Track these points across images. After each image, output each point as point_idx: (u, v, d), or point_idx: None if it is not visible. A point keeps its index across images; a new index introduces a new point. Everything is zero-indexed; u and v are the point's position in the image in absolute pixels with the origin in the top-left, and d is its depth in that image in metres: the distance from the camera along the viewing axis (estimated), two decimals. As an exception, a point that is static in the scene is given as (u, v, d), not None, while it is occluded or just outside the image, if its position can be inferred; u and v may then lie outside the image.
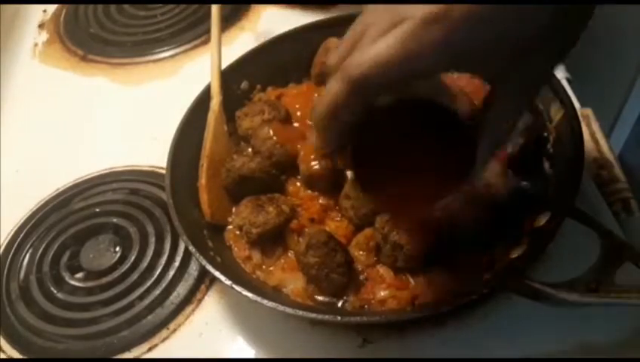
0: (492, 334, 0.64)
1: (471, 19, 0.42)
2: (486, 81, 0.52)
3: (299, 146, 0.73)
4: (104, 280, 0.74)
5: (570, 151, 0.66)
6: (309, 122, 0.78)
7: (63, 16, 1.14)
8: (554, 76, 0.73)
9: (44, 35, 1.11)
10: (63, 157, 0.91)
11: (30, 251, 0.78)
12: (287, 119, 0.79)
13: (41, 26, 1.13)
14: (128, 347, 0.69)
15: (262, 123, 0.78)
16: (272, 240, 0.69)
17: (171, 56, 1.01)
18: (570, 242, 0.65)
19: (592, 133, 0.81)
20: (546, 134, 0.71)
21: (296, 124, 0.79)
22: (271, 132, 0.75)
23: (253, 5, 1.07)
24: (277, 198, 0.71)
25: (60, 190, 0.85)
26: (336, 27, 0.84)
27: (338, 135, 0.50)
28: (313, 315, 0.61)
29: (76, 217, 0.80)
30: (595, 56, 1.27)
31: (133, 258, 0.75)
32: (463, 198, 0.63)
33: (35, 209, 0.83)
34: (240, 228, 0.70)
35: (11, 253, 0.79)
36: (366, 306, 0.63)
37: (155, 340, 0.69)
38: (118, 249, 0.76)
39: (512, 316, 0.65)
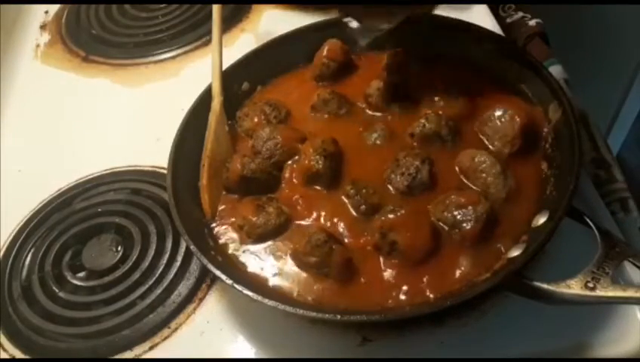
0: (490, 333, 0.65)
1: None
2: None
3: (299, 146, 0.74)
4: (106, 279, 0.74)
5: (569, 151, 0.66)
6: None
7: (64, 17, 1.14)
8: (552, 77, 0.74)
9: (45, 36, 1.11)
10: (64, 157, 0.91)
11: (32, 251, 0.79)
12: (287, 119, 0.80)
13: (42, 27, 1.14)
14: (130, 346, 0.69)
15: (262, 123, 0.79)
16: (271, 238, 0.69)
17: (172, 57, 1.02)
18: (568, 241, 0.65)
19: (590, 133, 0.82)
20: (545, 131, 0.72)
21: (296, 125, 0.79)
22: (271, 132, 0.75)
23: (253, 6, 1.07)
24: (277, 198, 0.72)
25: (62, 190, 0.86)
26: (337, 28, 0.85)
27: None
28: (313, 314, 0.62)
29: (78, 217, 0.81)
30: (593, 57, 1.28)
31: (134, 257, 0.75)
32: None
33: (37, 209, 0.84)
34: (240, 228, 0.70)
35: (13, 253, 0.79)
36: (366, 304, 0.64)
37: (156, 339, 0.69)
38: (119, 248, 0.77)
39: (510, 315, 0.65)
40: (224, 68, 0.82)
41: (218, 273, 0.63)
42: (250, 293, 0.61)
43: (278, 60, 0.85)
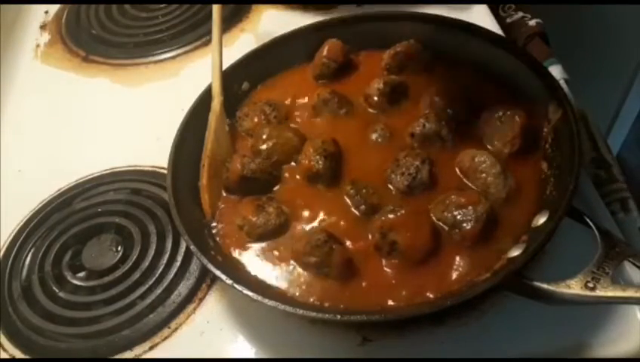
0: (490, 332, 0.65)
1: None
2: None
3: (299, 146, 0.74)
4: (106, 279, 0.74)
5: (569, 151, 0.66)
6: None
7: (64, 17, 1.14)
8: (552, 77, 0.74)
9: (45, 36, 1.11)
10: (64, 157, 0.91)
11: (32, 251, 0.79)
12: (287, 119, 0.80)
13: (42, 26, 1.14)
14: (130, 346, 0.69)
15: (262, 123, 0.79)
16: (271, 238, 0.69)
17: (172, 57, 1.02)
18: (568, 241, 0.65)
19: (590, 133, 0.82)
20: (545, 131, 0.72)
21: (296, 124, 0.79)
22: (271, 132, 0.75)
23: (253, 6, 1.07)
24: (277, 198, 0.72)
25: (62, 190, 0.86)
26: (337, 28, 0.85)
27: None
28: (313, 314, 0.62)
29: (78, 217, 0.81)
30: (593, 57, 1.28)
31: (134, 257, 0.75)
32: None
33: (37, 209, 0.84)
34: (240, 228, 0.70)
35: (13, 253, 0.79)
36: (366, 304, 0.64)
37: (156, 339, 0.69)
38: (119, 248, 0.77)
39: (510, 315, 0.65)
40: (224, 68, 0.82)
41: (218, 273, 0.63)
42: (250, 293, 0.61)
43: (278, 60, 0.85)
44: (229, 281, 0.62)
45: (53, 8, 1.17)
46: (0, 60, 1.05)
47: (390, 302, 0.63)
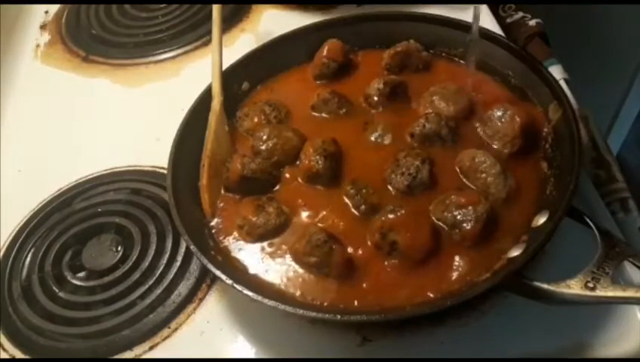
0: (490, 333, 0.65)
1: None
2: None
3: (299, 146, 0.74)
4: (106, 279, 0.74)
5: (569, 151, 0.66)
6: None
7: (64, 17, 1.14)
8: (552, 77, 0.74)
9: (45, 36, 1.11)
10: (64, 157, 0.91)
11: (32, 251, 0.79)
12: (287, 119, 0.80)
13: (42, 27, 1.14)
14: (130, 346, 0.69)
15: (262, 123, 0.79)
16: (271, 238, 0.69)
17: (172, 57, 1.02)
18: (569, 241, 0.65)
19: (591, 133, 0.82)
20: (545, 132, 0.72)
21: (296, 125, 0.79)
22: (271, 132, 0.75)
23: (253, 6, 1.07)
24: (277, 198, 0.72)
25: (61, 190, 0.86)
26: (337, 28, 0.85)
27: None
28: (313, 314, 0.62)
29: (78, 217, 0.81)
30: (593, 57, 1.28)
31: (134, 257, 0.75)
32: None
33: (37, 209, 0.84)
34: (240, 228, 0.70)
35: (13, 253, 0.79)
36: (365, 304, 0.64)
37: (156, 339, 0.69)
38: (119, 248, 0.77)
39: (510, 315, 0.65)
40: (224, 68, 0.82)
41: (218, 273, 0.63)
42: (250, 293, 0.61)
43: (279, 60, 0.86)
44: (229, 281, 0.62)
45: (53, 8, 1.17)
46: (0, 60, 1.05)
47: (390, 302, 0.63)
